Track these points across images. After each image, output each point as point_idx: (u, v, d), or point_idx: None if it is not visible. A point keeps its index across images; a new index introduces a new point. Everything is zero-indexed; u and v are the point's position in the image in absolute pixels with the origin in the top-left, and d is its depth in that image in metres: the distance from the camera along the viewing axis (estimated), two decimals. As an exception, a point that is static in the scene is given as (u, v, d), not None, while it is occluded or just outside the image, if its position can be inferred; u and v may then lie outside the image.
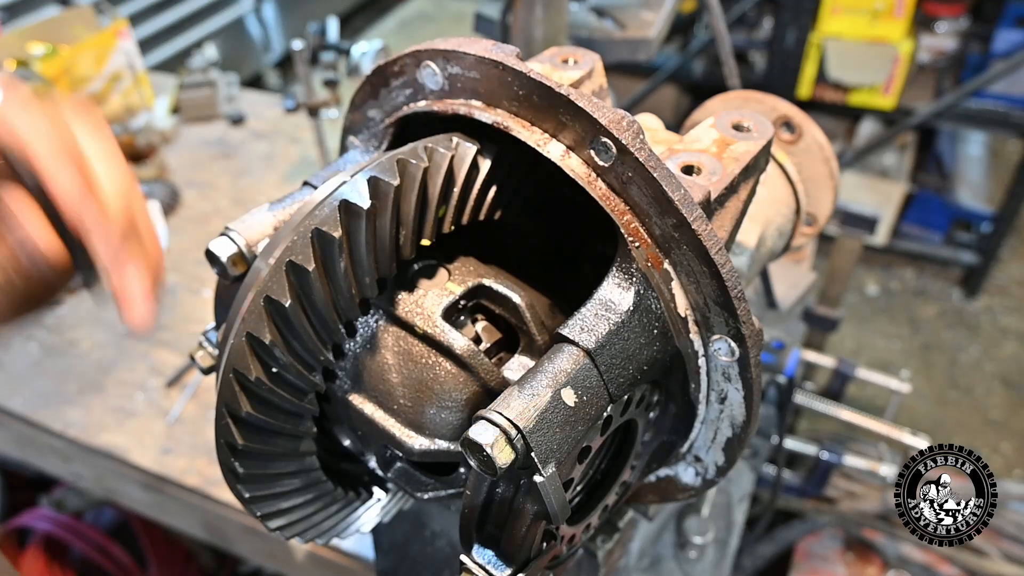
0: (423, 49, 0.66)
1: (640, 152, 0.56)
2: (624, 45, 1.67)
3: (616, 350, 0.58)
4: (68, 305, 2.04)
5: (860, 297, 4.33)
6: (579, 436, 0.55)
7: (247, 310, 0.54)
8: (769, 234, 0.95)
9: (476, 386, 0.63)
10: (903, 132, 3.88)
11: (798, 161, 1.01)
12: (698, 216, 0.56)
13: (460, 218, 0.64)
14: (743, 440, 0.66)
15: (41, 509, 2.36)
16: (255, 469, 0.60)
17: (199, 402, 1.77)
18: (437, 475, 0.71)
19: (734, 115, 0.72)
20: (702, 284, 0.59)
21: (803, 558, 2.20)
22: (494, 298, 0.67)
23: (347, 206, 0.54)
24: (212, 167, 2.56)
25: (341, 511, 0.74)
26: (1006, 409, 3.70)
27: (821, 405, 1.91)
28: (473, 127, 0.65)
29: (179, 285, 2.11)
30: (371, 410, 0.65)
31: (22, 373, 1.85)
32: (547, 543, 0.62)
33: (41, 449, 1.83)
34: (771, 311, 1.42)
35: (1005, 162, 4.80)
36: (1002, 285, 4.37)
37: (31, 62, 2.51)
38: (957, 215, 4.23)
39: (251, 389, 0.55)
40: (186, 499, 1.67)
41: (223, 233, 0.62)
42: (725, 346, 0.60)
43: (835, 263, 2.19)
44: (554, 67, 0.72)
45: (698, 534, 1.22)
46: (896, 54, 3.77)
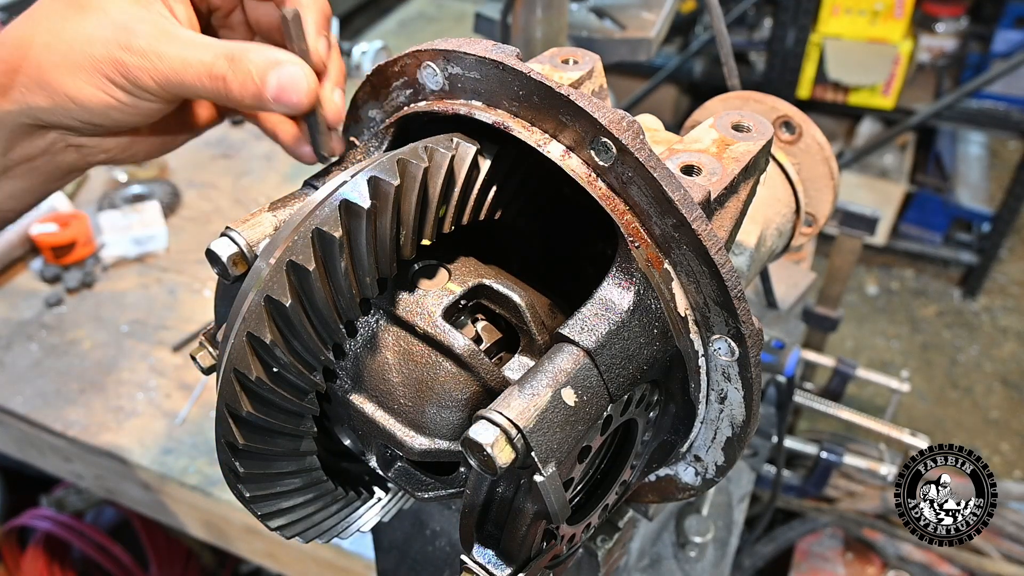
0: (423, 49, 0.66)
1: (640, 152, 0.57)
2: (624, 45, 1.68)
3: (616, 350, 0.58)
4: (68, 305, 2.04)
5: (860, 297, 4.33)
6: (579, 436, 0.56)
7: (248, 310, 0.54)
8: (769, 234, 0.95)
9: (476, 386, 0.63)
10: (903, 132, 3.88)
11: (798, 161, 1.01)
12: (698, 216, 0.56)
13: (460, 218, 0.65)
14: (743, 440, 0.66)
15: (42, 509, 2.37)
16: (256, 469, 0.60)
17: (199, 402, 1.77)
18: (437, 475, 0.71)
19: (734, 115, 0.72)
20: (702, 284, 0.59)
21: (803, 558, 2.20)
22: (494, 298, 0.67)
23: (347, 206, 0.54)
24: (213, 167, 2.56)
25: (341, 511, 0.74)
26: (1006, 409, 3.71)
27: (821, 405, 1.91)
28: (473, 127, 0.65)
29: (179, 285, 2.11)
30: (371, 410, 0.65)
31: (23, 373, 1.85)
32: (547, 543, 0.62)
33: (42, 449, 1.83)
34: (771, 311, 1.42)
35: (1005, 162, 4.80)
36: (1002, 285, 4.37)
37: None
38: (957, 215, 4.23)
39: (252, 389, 0.56)
40: (187, 499, 1.67)
41: (224, 233, 0.62)
42: (725, 346, 0.60)
43: (835, 263, 2.19)
44: (554, 67, 0.72)
45: (698, 534, 1.22)
46: (896, 54, 3.78)
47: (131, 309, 2.03)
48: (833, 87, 3.98)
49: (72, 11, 0.68)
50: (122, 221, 2.19)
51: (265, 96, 0.67)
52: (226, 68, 0.66)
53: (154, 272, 2.16)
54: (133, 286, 2.11)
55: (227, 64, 0.66)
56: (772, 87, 3.93)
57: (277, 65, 0.65)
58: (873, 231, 2.07)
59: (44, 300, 2.03)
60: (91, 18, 0.67)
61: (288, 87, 0.65)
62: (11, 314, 2.01)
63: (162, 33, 0.68)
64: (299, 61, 0.67)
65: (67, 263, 2.12)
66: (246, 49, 0.67)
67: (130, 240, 2.17)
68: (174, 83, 0.68)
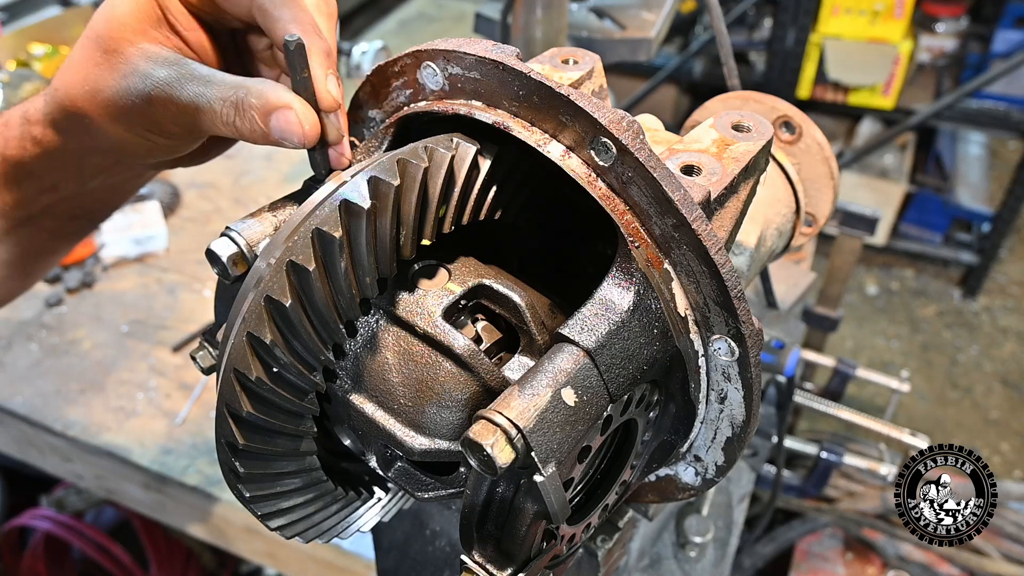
0: (423, 49, 0.66)
1: (640, 152, 0.57)
2: (624, 45, 1.68)
3: (616, 350, 0.58)
4: (68, 305, 2.04)
5: (860, 297, 4.33)
6: (579, 436, 0.56)
7: (248, 310, 0.54)
8: (769, 234, 0.95)
9: (476, 386, 0.63)
10: (903, 132, 3.88)
11: (798, 161, 1.01)
12: (698, 216, 0.56)
13: (460, 218, 0.65)
14: (743, 440, 0.66)
15: (42, 509, 2.37)
16: (256, 468, 0.60)
17: (199, 402, 1.77)
18: (437, 475, 0.71)
19: (734, 115, 0.72)
20: (702, 284, 0.59)
21: (803, 558, 2.20)
22: (494, 298, 0.67)
23: (347, 206, 0.54)
24: (212, 167, 2.56)
25: (341, 511, 0.74)
26: (1006, 409, 3.71)
27: (821, 405, 1.91)
28: (473, 127, 0.65)
29: (179, 285, 2.11)
30: (371, 410, 0.65)
31: (23, 373, 1.85)
32: (547, 543, 0.62)
33: (42, 449, 1.83)
34: (771, 311, 1.42)
35: (1005, 162, 4.80)
36: (1001, 285, 4.37)
37: (31, 62, 2.51)
38: (956, 215, 4.23)
39: (252, 389, 0.56)
40: (187, 499, 1.67)
41: (224, 233, 0.62)
42: (725, 346, 0.60)
43: (835, 263, 2.19)
44: (554, 67, 0.72)
45: (698, 534, 1.22)
46: (896, 54, 3.78)
47: (131, 309, 2.03)
48: (833, 87, 3.98)
49: (101, 56, 0.71)
50: (122, 221, 2.19)
51: (272, 139, 0.67)
52: (233, 115, 0.67)
53: (154, 272, 2.16)
54: (133, 286, 2.11)
55: (233, 110, 0.67)
56: (772, 87, 3.93)
57: (274, 111, 0.66)
58: (873, 231, 2.07)
59: (44, 300, 2.03)
60: (117, 67, 0.71)
61: (286, 131, 0.65)
62: (11, 314, 2.01)
63: (178, 77, 0.69)
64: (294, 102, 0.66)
65: (67, 263, 2.12)
66: (248, 92, 0.67)
67: (130, 240, 2.17)
68: (195, 128, 0.71)
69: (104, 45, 0.71)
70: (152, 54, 0.71)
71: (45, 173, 0.83)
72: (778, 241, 0.99)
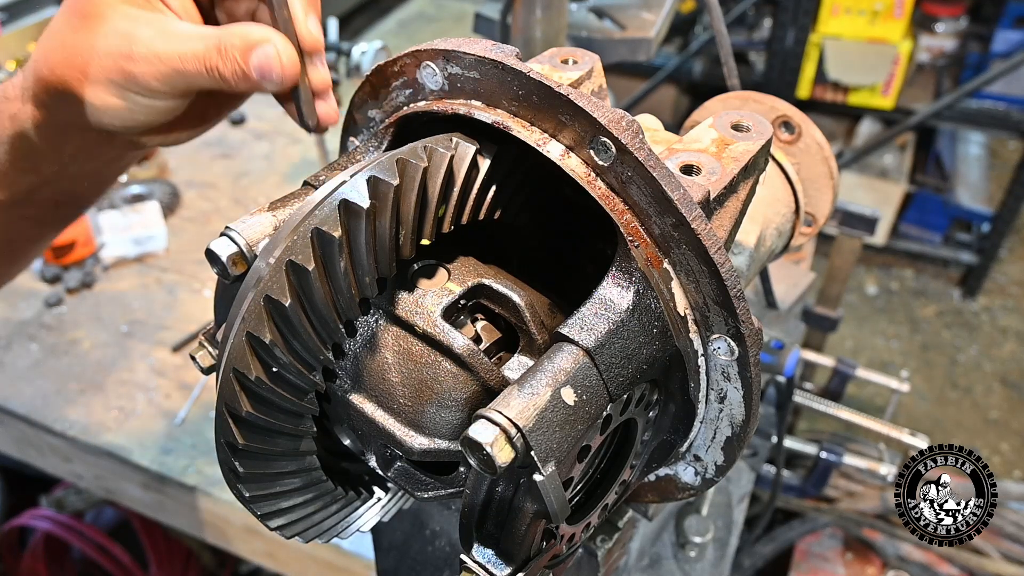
0: (423, 49, 0.66)
1: (639, 152, 0.57)
2: (624, 45, 1.68)
3: (616, 349, 0.58)
4: (68, 305, 2.04)
5: (860, 297, 4.33)
6: (579, 435, 0.56)
7: (247, 310, 0.54)
8: (768, 234, 0.95)
9: (476, 385, 0.63)
10: (902, 132, 3.88)
11: (797, 161, 1.01)
12: (697, 215, 0.56)
13: (460, 218, 0.65)
14: (743, 439, 0.66)
15: (41, 509, 2.37)
16: (255, 468, 0.60)
17: (199, 402, 1.77)
18: (437, 474, 0.71)
19: (733, 115, 0.72)
20: (701, 283, 0.59)
21: (803, 558, 2.20)
22: (494, 298, 0.67)
23: (347, 206, 0.54)
24: (212, 167, 2.56)
25: (341, 510, 0.74)
26: (1006, 409, 3.71)
27: (821, 405, 1.91)
28: (473, 127, 0.65)
29: (179, 285, 2.11)
30: (371, 409, 0.65)
31: (23, 373, 1.85)
32: (547, 542, 0.62)
33: (41, 449, 1.83)
34: (771, 311, 1.42)
35: (1004, 162, 4.80)
36: (1001, 285, 4.37)
37: (31, 62, 2.50)
38: (956, 215, 4.23)
39: (251, 388, 0.56)
40: (186, 499, 1.67)
41: (223, 233, 0.62)
42: (724, 345, 0.60)
43: (834, 263, 2.19)
44: (553, 67, 0.72)
45: (698, 533, 1.22)
46: (895, 54, 3.78)
47: (131, 309, 2.03)
48: (833, 87, 3.98)
49: (79, 22, 0.71)
50: (122, 221, 2.19)
51: (254, 79, 0.67)
52: (217, 58, 0.67)
53: (154, 272, 2.16)
54: (133, 286, 2.11)
55: (216, 54, 0.67)
56: (772, 87, 3.93)
57: (254, 46, 0.66)
58: (873, 231, 2.07)
59: (44, 300, 2.03)
60: (96, 29, 0.70)
61: (265, 67, 0.65)
62: (11, 314, 2.01)
63: (159, 33, 0.69)
64: (274, 37, 0.66)
65: (67, 263, 2.12)
66: (230, 33, 0.67)
67: (130, 240, 2.17)
68: (178, 80, 0.70)
69: (83, 10, 0.71)
70: (132, 14, 0.70)
71: (25, 153, 0.82)
72: (778, 241, 0.99)
